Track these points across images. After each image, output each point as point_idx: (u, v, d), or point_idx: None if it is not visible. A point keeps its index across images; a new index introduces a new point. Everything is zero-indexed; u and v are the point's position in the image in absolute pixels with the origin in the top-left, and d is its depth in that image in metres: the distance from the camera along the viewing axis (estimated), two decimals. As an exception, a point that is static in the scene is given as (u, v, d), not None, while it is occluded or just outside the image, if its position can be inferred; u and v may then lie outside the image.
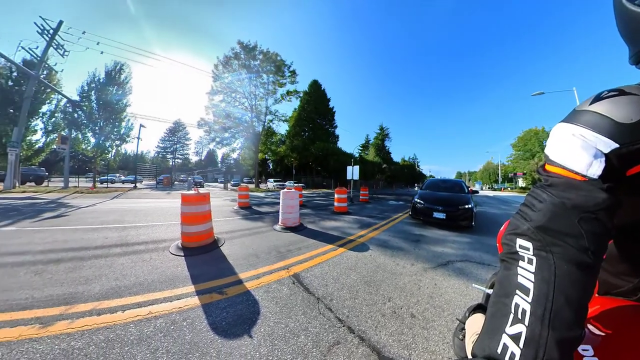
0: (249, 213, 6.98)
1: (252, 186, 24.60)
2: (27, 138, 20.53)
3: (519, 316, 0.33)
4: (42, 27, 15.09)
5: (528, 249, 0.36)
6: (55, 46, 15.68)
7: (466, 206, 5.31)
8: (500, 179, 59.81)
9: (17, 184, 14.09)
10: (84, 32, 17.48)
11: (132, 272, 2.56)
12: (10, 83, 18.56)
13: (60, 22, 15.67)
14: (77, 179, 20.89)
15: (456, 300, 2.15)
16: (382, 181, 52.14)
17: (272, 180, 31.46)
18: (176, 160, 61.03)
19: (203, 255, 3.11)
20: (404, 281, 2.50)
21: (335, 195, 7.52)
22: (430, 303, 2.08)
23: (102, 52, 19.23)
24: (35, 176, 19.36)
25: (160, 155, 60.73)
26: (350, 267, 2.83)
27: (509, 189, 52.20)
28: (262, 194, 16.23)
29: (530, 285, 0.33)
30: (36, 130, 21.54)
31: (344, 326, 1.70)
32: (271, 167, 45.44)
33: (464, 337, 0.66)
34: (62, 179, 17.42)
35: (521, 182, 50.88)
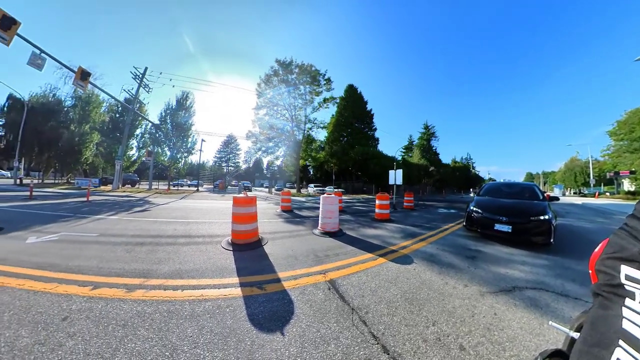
0: (290, 216, 7.29)
1: (293, 191, 25.74)
2: (127, 153, 27.92)
3: None
4: (134, 74, 20.71)
5: None
6: (143, 86, 21.37)
7: (541, 217, 4.25)
8: (592, 181, 44.02)
9: (120, 186, 19.67)
10: (160, 73, 23.06)
11: (191, 259, 2.98)
12: (117, 115, 27.32)
13: (146, 68, 21.19)
14: (157, 183, 26.87)
15: (523, 338, 1.73)
16: (429, 186, 46.25)
17: (312, 185, 32.35)
18: (229, 167, 70.92)
19: (248, 252, 3.38)
20: (454, 304, 2.17)
21: (377, 202, 7.14)
22: (486, 336, 1.74)
23: (173, 86, 24.64)
24: (131, 180, 26.74)
25: (216, 164, 71.98)
26: (390, 280, 2.62)
27: (607, 193, 38.57)
28: (303, 199, 16.79)
29: None
30: (132, 147, 29.40)
31: (377, 344, 1.57)
32: (312, 173, 46.70)
33: None
34: (148, 182, 23.55)
35: (627, 185, 36.90)
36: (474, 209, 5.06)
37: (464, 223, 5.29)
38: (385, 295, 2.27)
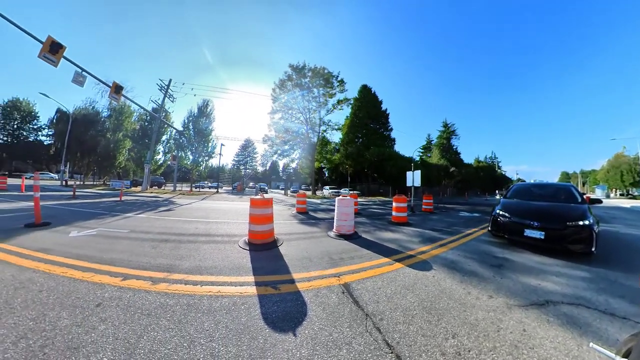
0: (305, 218, 7.33)
1: (309, 193, 25.88)
2: (155, 157, 30.22)
3: None
4: (160, 86, 22.97)
5: None
6: (168, 96, 23.44)
7: (580, 222, 3.77)
8: (643, 180, 37.97)
9: (148, 187, 21.66)
10: (183, 83, 25.02)
11: (210, 257, 3.11)
12: (146, 123, 29.82)
13: (170, 80, 23.48)
14: (181, 184, 28.65)
15: None
16: (450, 188, 43.57)
17: (327, 187, 32.15)
18: (247, 170, 74.07)
19: (264, 252, 3.45)
20: (477, 317, 2.03)
21: (394, 204, 6.89)
22: (513, 354, 1.58)
23: (195, 95, 26.96)
24: (158, 182, 29.02)
25: (235, 167, 75.48)
26: (406, 287, 2.52)
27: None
28: (318, 201, 16.81)
29: None
30: (159, 152, 31.88)
31: (392, 353, 1.51)
32: (327, 175, 46.58)
33: None
34: (172, 184, 25.55)
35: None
36: (501, 212, 4.67)
37: (489, 228, 4.92)
38: (401, 302, 2.18)
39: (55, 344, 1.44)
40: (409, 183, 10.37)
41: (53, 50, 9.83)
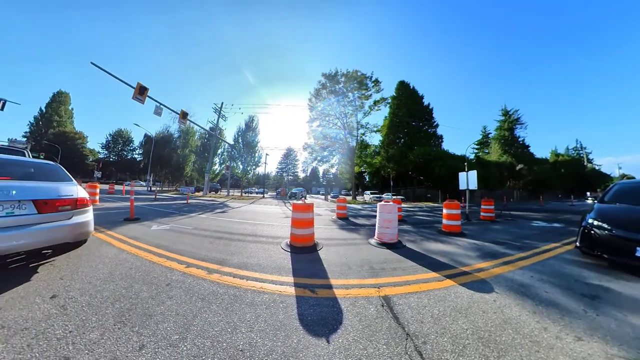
0: (345, 224, 7.23)
1: (349, 198, 25.42)
2: (212, 168, 36.65)
3: None
4: (214, 108, 27.35)
5: None
6: (221, 116, 27.55)
7: None
8: None
9: (207, 192, 26.19)
10: (232, 104, 30.11)
11: (256, 255, 3.37)
12: (205, 140, 37.95)
13: (222, 103, 27.56)
14: (233, 190, 33.42)
15: None
16: (517, 190, 35.38)
17: (368, 192, 30.88)
18: (289, 177, 79.06)
19: (304, 255, 3.54)
20: (558, 360, 1.59)
21: (444, 211, 6.13)
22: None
23: (242, 113, 31.94)
24: (215, 188, 35.27)
25: (278, 174, 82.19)
26: (458, 309, 2.18)
27: None
28: (359, 206, 16.39)
29: None
30: (216, 163, 39.20)
31: (436, 383, 1.32)
32: (367, 179, 44.79)
33: None
34: (226, 190, 29.53)
35: None
36: (596, 223, 3.60)
37: (578, 243, 3.85)
38: (450, 326, 1.89)
39: (136, 309, 1.87)
40: (462, 186, 8.92)
41: (141, 92, 13.09)
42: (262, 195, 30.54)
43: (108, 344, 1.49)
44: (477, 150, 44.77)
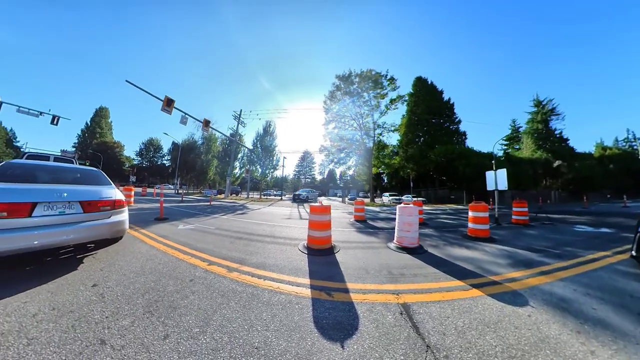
0: (363, 227, 7.07)
1: (367, 200, 24.86)
2: (233, 172, 38.59)
3: None
4: (234, 115, 28.86)
5: None
6: (240, 122, 29.00)
7: None
8: None
9: (229, 195, 27.80)
10: (250, 111, 32.03)
11: (274, 256, 3.44)
12: (226, 145, 41.07)
13: (241, 110, 29.00)
14: (252, 193, 34.67)
15: None
16: (556, 190, 30.16)
17: (387, 194, 29.67)
18: (306, 179, 79.19)
19: (321, 257, 3.53)
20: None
21: (470, 213, 5.64)
22: None
23: (260, 118, 35.51)
24: (235, 191, 36.60)
25: (296, 177, 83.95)
26: (486, 322, 2.01)
27: None
28: (377, 209, 15.95)
29: None
30: (236, 167, 41.45)
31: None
32: (386, 181, 43.61)
33: None
34: (246, 192, 31.11)
35: None
36: None
37: (634, 252, 3.37)
38: (477, 341, 1.74)
39: (163, 301, 2.01)
40: (489, 186, 8.08)
41: (168, 104, 14.31)
42: (280, 197, 31.19)
43: (137, 331, 1.61)
44: (506, 147, 41.22)
